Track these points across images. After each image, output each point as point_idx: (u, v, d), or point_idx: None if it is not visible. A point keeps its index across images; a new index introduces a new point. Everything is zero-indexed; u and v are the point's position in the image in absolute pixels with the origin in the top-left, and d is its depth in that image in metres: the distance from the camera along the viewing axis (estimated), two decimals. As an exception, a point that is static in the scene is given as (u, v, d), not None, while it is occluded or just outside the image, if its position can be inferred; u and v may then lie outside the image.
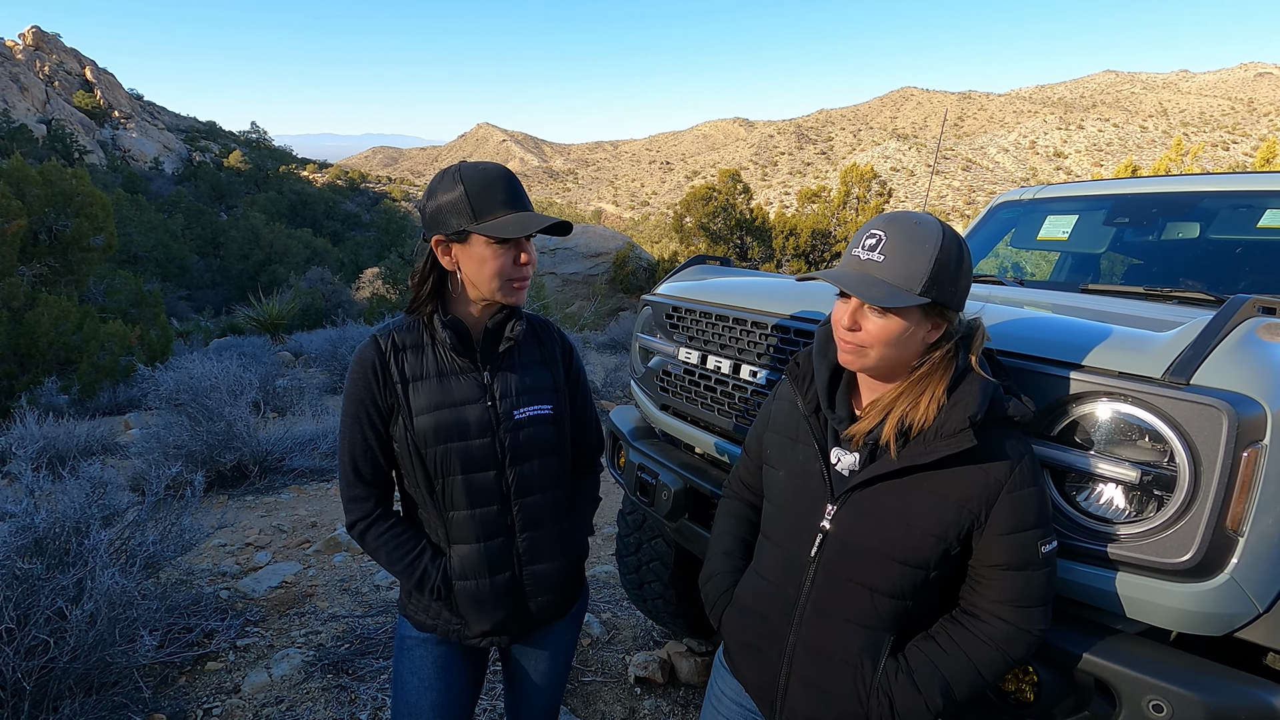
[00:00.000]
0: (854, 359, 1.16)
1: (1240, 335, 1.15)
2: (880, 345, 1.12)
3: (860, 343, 1.14)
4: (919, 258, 1.08)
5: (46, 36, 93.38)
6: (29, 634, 2.15)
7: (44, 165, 10.13)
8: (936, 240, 1.09)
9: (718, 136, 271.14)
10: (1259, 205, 2.48)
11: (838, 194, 22.37)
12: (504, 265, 1.35)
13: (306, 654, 2.79)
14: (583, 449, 1.65)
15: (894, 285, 1.08)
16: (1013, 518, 1.10)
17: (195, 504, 3.12)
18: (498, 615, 1.45)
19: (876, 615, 1.17)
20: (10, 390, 7.96)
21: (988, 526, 1.12)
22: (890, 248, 1.10)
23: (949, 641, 1.15)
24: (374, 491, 1.45)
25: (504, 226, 1.31)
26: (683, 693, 2.75)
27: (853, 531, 1.18)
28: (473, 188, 1.31)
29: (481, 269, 1.35)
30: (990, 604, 1.14)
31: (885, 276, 1.09)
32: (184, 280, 31.25)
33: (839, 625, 1.19)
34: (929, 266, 1.07)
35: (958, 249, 1.11)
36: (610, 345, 12.95)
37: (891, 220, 1.12)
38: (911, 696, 1.13)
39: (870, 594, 1.17)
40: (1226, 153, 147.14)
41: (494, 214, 1.31)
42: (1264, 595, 1.13)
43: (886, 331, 1.11)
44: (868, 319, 1.12)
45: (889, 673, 1.15)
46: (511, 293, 1.39)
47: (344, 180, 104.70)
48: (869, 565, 1.17)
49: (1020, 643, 1.12)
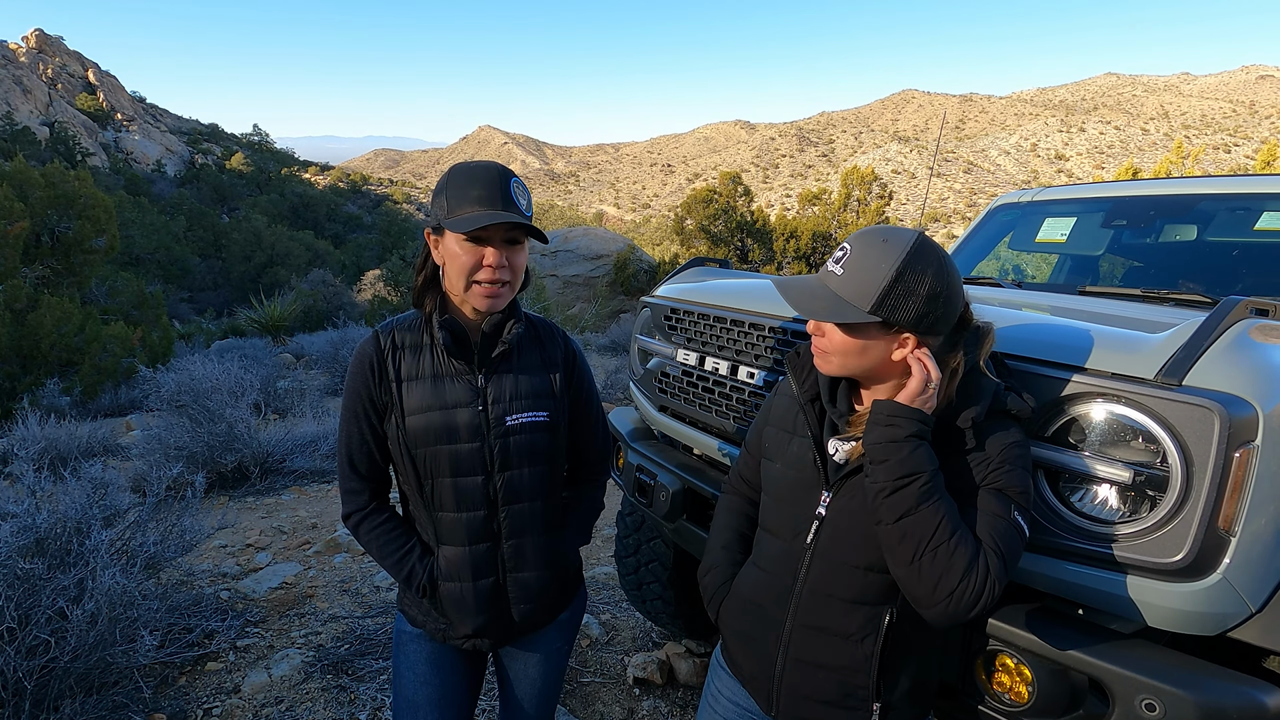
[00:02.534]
0: (821, 363, 1.20)
1: (1233, 336, 1.15)
2: (839, 354, 1.15)
3: (822, 348, 1.17)
4: (873, 275, 1.08)
5: (50, 39, 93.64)
6: (30, 633, 2.16)
7: (47, 167, 10.16)
8: (897, 259, 1.07)
9: (719, 139, 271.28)
10: (1256, 208, 2.49)
11: (838, 196, 22.38)
12: (467, 264, 1.31)
13: (306, 654, 2.80)
14: (585, 456, 1.61)
15: (844, 300, 1.10)
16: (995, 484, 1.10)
17: (196, 505, 3.13)
18: (479, 620, 1.45)
19: (872, 591, 1.19)
20: (12, 391, 7.98)
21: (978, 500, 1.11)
22: (850, 262, 1.12)
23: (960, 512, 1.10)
24: (369, 485, 1.46)
25: (465, 221, 1.28)
26: (681, 693, 2.76)
27: (848, 515, 1.20)
28: (453, 182, 1.32)
29: (451, 265, 1.34)
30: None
31: (838, 290, 1.11)
32: (186, 282, 31.28)
33: (835, 605, 1.21)
34: (882, 285, 1.07)
35: (929, 270, 1.07)
36: (611, 347, 12.96)
37: (864, 235, 1.13)
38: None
39: (865, 573, 1.19)
40: (1228, 155, 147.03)
41: (463, 209, 1.29)
42: (1256, 595, 1.13)
43: (844, 343, 1.13)
44: (827, 327, 1.15)
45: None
46: (479, 296, 1.34)
47: (346, 182, 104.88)
48: (864, 546, 1.18)
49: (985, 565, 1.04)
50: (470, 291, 1.35)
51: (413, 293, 1.44)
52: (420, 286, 1.42)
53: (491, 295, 1.35)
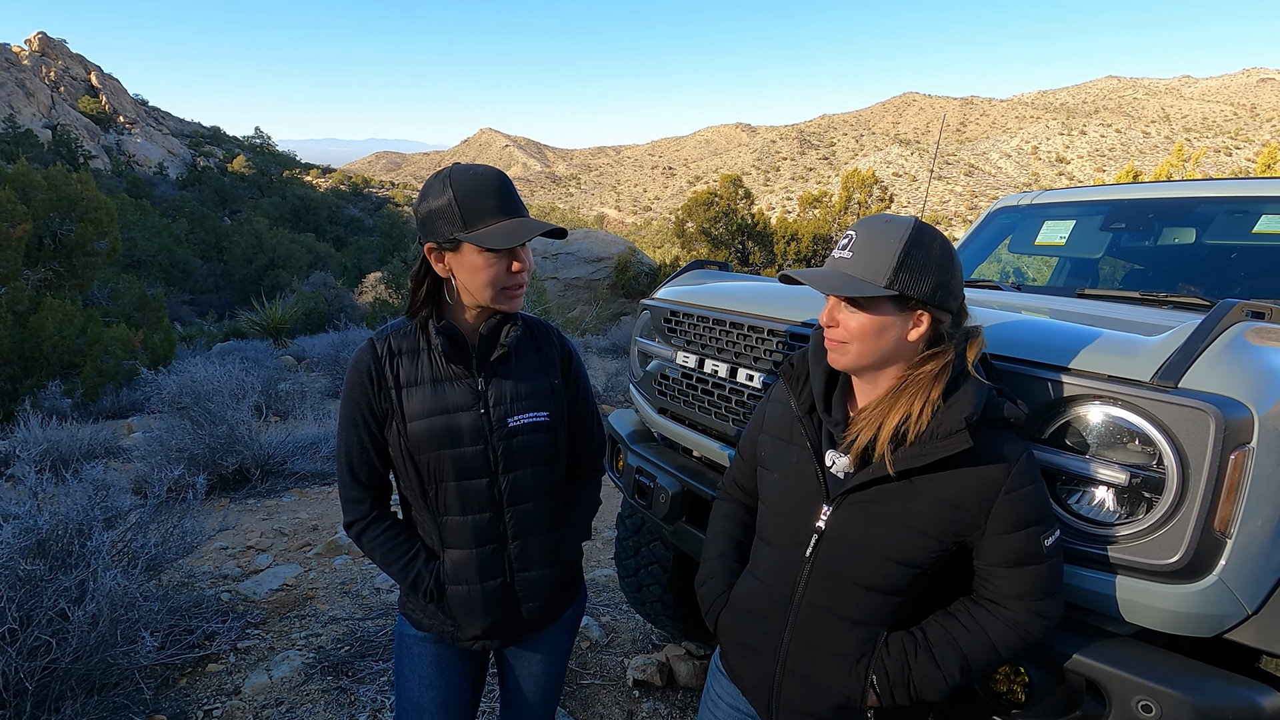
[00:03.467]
0: (838, 356, 1.19)
1: (1228, 339, 1.16)
2: (857, 340, 1.15)
3: (839, 339, 1.18)
4: (884, 251, 1.12)
5: (52, 42, 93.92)
6: (31, 635, 2.16)
7: (49, 170, 10.18)
8: (903, 235, 1.12)
9: (720, 142, 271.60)
10: (1254, 211, 2.49)
11: (839, 199, 22.38)
12: (498, 274, 1.32)
13: (307, 656, 2.80)
14: (583, 453, 1.63)
15: (859, 279, 1.12)
16: (1011, 517, 1.11)
17: (197, 507, 3.13)
18: (488, 620, 1.46)
19: (871, 611, 1.19)
20: (14, 393, 8.00)
21: (988, 528, 1.12)
22: (858, 244, 1.15)
23: (970, 620, 1.16)
24: (370, 493, 1.46)
25: (496, 236, 1.27)
26: (681, 695, 2.76)
27: (847, 532, 1.19)
28: (462, 194, 1.28)
29: (475, 277, 1.33)
30: (1007, 597, 1.15)
31: (852, 271, 1.14)
32: (187, 284, 31.32)
33: (833, 622, 1.21)
34: (893, 259, 1.11)
35: (934, 244, 1.13)
36: (611, 349, 12.97)
37: (865, 221, 1.17)
38: (929, 669, 1.14)
39: (864, 591, 1.18)
40: (1229, 158, 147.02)
41: (485, 222, 1.28)
42: (1252, 597, 1.14)
43: (861, 326, 1.14)
44: (843, 315, 1.16)
45: (906, 648, 1.16)
46: (506, 300, 1.37)
47: (347, 185, 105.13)
48: (863, 563, 1.18)
49: (1037, 626, 1.14)
50: (499, 297, 1.36)
51: (410, 305, 1.43)
52: (423, 299, 1.41)
53: (518, 297, 1.39)
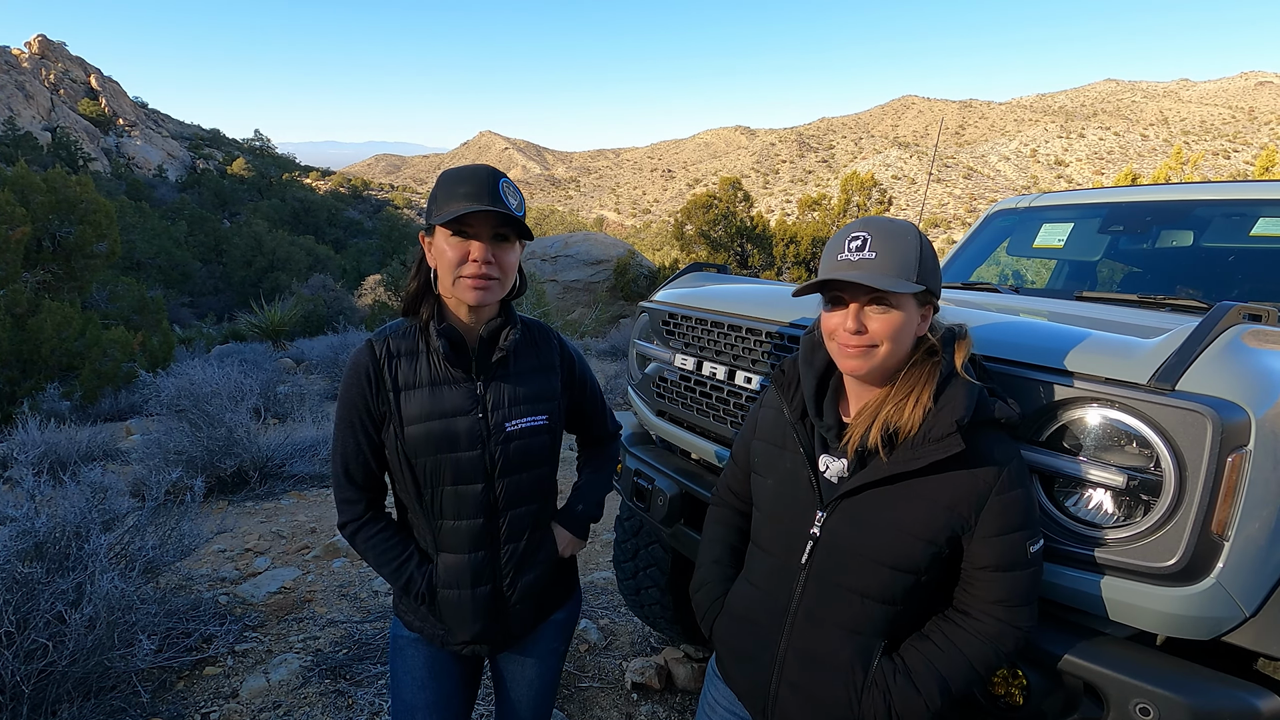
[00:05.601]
0: (863, 361, 1.15)
1: (1225, 342, 1.16)
2: (888, 340, 1.13)
3: (867, 342, 1.14)
4: (907, 250, 1.13)
5: (52, 45, 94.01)
6: (28, 637, 2.16)
7: (48, 172, 10.17)
8: (915, 234, 1.15)
9: (719, 144, 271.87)
10: (1251, 214, 2.50)
11: (838, 202, 22.39)
12: (454, 258, 1.31)
13: (304, 659, 2.80)
14: (599, 431, 1.71)
15: (898, 278, 1.12)
16: (1000, 520, 1.12)
17: (195, 509, 3.13)
18: (477, 627, 1.46)
19: (868, 620, 1.18)
20: (13, 396, 7.99)
21: (977, 529, 1.13)
22: (878, 245, 1.13)
23: (943, 639, 1.17)
24: (365, 495, 1.45)
25: (450, 212, 1.28)
26: (679, 698, 2.75)
27: (843, 538, 1.19)
28: (443, 182, 1.34)
29: (440, 262, 1.34)
30: (981, 603, 1.15)
31: (886, 270, 1.12)
32: (187, 287, 31.34)
33: (830, 632, 1.20)
34: (916, 257, 1.13)
35: (928, 242, 1.18)
36: (611, 352, 12.97)
37: (869, 222, 1.16)
38: (911, 697, 1.14)
39: (861, 599, 1.18)
40: (1227, 161, 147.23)
41: (451, 205, 1.29)
42: (1250, 599, 1.13)
43: (891, 325, 1.13)
44: (872, 318, 1.14)
45: (887, 674, 1.16)
46: (466, 290, 1.33)
47: (347, 188, 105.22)
48: (859, 571, 1.17)
49: (1009, 638, 1.14)
50: (458, 286, 1.33)
51: (404, 298, 1.42)
52: (414, 292, 1.41)
53: (479, 287, 1.32)
